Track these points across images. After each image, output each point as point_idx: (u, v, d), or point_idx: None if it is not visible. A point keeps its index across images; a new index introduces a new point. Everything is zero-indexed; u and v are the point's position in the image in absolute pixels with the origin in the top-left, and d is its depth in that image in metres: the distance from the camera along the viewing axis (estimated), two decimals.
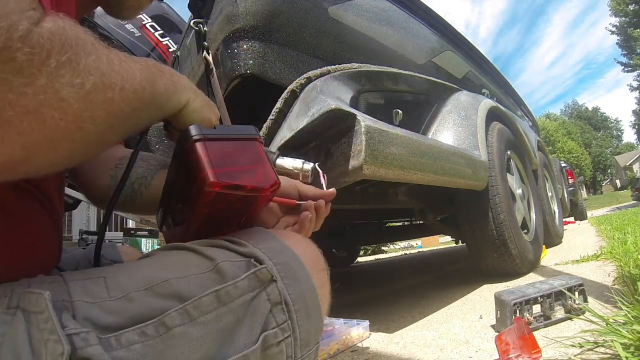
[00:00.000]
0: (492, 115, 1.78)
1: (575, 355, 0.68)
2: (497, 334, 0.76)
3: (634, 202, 15.22)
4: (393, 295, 1.90)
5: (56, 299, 0.27)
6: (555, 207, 2.99)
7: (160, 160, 0.58)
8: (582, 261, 1.68)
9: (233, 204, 0.38)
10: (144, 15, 1.71)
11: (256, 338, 0.32)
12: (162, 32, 1.73)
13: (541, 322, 0.89)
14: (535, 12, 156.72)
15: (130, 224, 5.75)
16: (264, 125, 1.04)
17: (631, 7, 19.14)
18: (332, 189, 0.54)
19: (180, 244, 0.37)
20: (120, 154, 0.57)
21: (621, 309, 0.73)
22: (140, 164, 0.56)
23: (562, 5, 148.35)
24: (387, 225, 3.58)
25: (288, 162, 0.53)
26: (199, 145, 0.35)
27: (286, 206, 0.52)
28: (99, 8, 0.54)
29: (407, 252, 7.28)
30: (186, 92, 0.39)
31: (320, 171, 0.55)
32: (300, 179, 0.55)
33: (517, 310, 0.87)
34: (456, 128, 1.55)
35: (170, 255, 0.36)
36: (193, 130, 0.36)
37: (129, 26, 1.67)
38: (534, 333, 0.75)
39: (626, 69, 21.46)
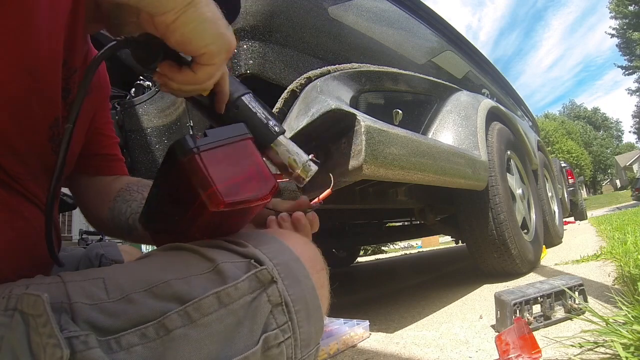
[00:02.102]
0: (492, 115, 1.78)
1: (575, 355, 0.68)
2: (497, 334, 0.76)
3: (634, 202, 15.22)
4: (393, 295, 1.90)
5: (55, 300, 0.27)
6: (555, 207, 2.99)
7: None
8: (582, 261, 1.68)
9: (233, 212, 0.37)
10: None
11: (257, 339, 0.32)
12: None
13: (541, 322, 0.89)
14: (535, 17, 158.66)
15: None
16: None
17: (631, 8, 19.13)
18: (304, 199, 0.48)
19: (180, 244, 0.37)
20: (119, 186, 0.57)
21: (621, 309, 0.72)
22: (135, 196, 0.55)
23: (561, 10, 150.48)
24: (387, 225, 3.58)
25: (292, 149, 0.47)
26: (197, 160, 0.33)
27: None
28: None
29: (407, 252, 7.29)
30: None
31: (329, 174, 0.52)
32: (292, 177, 0.48)
33: (517, 310, 0.87)
34: (456, 128, 1.55)
35: (170, 255, 0.36)
36: (188, 143, 0.34)
37: None
38: (534, 333, 0.75)
39: (626, 72, 21.43)
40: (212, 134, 0.36)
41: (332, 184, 0.53)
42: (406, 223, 3.56)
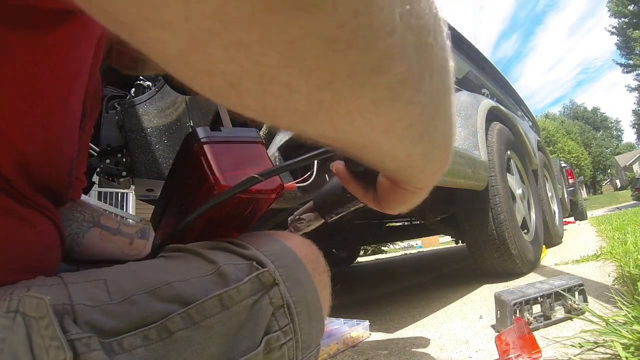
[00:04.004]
0: (492, 116, 1.78)
1: (575, 355, 0.68)
2: (497, 334, 0.76)
3: (634, 202, 15.23)
4: (393, 295, 1.90)
5: (56, 302, 0.26)
6: (555, 207, 2.99)
7: (95, 214, 0.57)
8: (582, 261, 1.68)
9: (238, 207, 0.38)
10: None
11: (258, 341, 0.32)
12: None
13: (541, 322, 0.89)
14: (534, 21, 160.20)
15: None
16: (264, 126, 1.04)
17: (630, 8, 19.15)
18: None
19: (181, 245, 0.37)
20: (66, 205, 0.57)
21: (621, 309, 0.73)
22: (76, 216, 0.55)
23: (559, 14, 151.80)
24: (387, 225, 3.58)
25: None
26: (207, 148, 0.35)
27: None
28: None
29: (407, 252, 7.29)
30: None
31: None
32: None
33: (517, 310, 0.87)
34: (456, 128, 1.54)
35: (172, 257, 0.36)
36: (200, 133, 0.36)
37: None
38: (534, 333, 0.75)
39: (625, 70, 21.48)
40: (226, 131, 0.38)
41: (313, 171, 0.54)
42: (406, 223, 3.56)
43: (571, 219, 6.58)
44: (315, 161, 0.54)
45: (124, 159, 1.33)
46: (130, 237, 0.56)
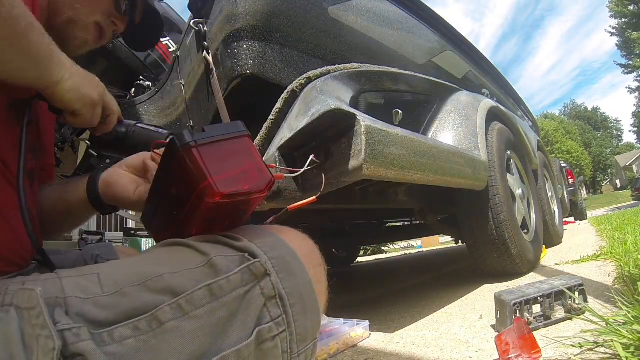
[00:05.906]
0: (492, 115, 1.78)
1: (575, 355, 0.68)
2: (497, 334, 0.76)
3: (634, 202, 15.22)
4: (393, 295, 1.89)
5: (49, 295, 0.27)
6: (555, 207, 2.99)
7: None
8: (582, 261, 1.67)
9: (230, 206, 0.38)
10: None
11: (250, 332, 0.32)
12: None
13: (541, 322, 0.89)
14: (533, 26, 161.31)
15: (131, 224, 5.75)
16: (264, 125, 1.04)
17: (630, 8, 19.15)
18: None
19: (175, 239, 0.37)
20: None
21: (621, 309, 0.72)
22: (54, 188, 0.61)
23: (558, 18, 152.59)
24: (387, 225, 3.58)
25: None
26: (194, 153, 0.34)
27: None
28: None
29: (407, 252, 7.28)
30: (62, 68, 0.40)
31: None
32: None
33: (517, 310, 0.87)
34: (456, 128, 1.54)
35: (165, 251, 0.36)
36: (186, 137, 0.35)
37: None
38: (534, 333, 0.75)
39: (626, 71, 21.46)
40: (210, 130, 0.37)
41: (321, 188, 0.54)
42: (406, 223, 3.56)
43: (571, 219, 6.58)
44: (311, 156, 0.53)
45: None
46: None
